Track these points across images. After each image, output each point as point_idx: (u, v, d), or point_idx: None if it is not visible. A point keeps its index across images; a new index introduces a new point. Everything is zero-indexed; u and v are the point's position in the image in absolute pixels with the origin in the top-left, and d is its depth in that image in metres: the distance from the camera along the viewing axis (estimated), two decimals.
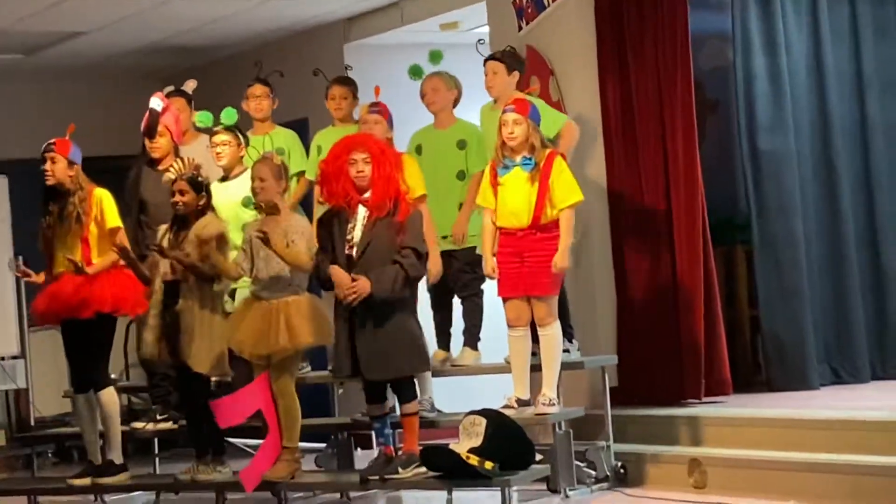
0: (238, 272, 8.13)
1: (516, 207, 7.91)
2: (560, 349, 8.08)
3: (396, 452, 7.90)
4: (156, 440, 9.58)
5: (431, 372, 8.47)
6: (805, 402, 8.72)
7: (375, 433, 8.11)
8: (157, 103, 8.89)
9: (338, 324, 7.81)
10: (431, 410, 8.49)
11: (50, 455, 11.41)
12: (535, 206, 7.87)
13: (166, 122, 8.89)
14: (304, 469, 8.32)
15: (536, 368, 8.08)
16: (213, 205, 8.32)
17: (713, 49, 10.07)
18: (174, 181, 8.23)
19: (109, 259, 8.34)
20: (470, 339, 8.71)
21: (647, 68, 9.08)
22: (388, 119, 8.55)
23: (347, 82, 9.26)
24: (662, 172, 9.03)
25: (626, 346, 9.12)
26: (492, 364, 8.70)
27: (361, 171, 7.78)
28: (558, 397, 8.06)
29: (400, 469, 7.75)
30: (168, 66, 12.31)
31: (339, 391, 9.60)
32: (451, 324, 8.79)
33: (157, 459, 9.76)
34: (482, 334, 8.73)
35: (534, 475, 7.84)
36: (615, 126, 9.24)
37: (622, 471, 8.33)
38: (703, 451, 8.20)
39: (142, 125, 8.94)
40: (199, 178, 8.26)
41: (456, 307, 8.79)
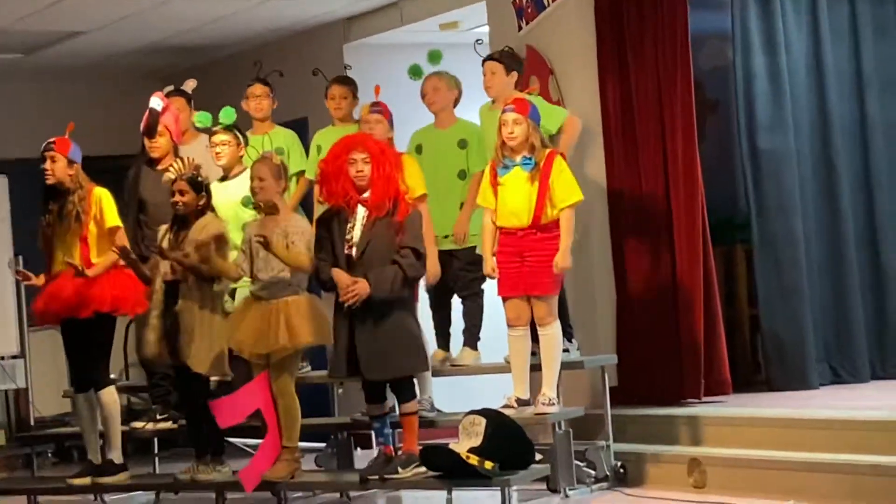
0: (238, 273, 8.14)
1: (516, 207, 7.91)
2: (560, 349, 8.08)
3: (396, 452, 7.90)
4: (155, 440, 9.57)
5: (431, 371, 8.47)
6: (805, 401, 8.71)
7: (375, 433, 8.11)
8: (156, 103, 8.89)
9: (338, 324, 7.81)
10: (431, 410, 8.49)
11: (50, 455, 11.40)
12: (535, 206, 7.86)
13: (166, 121, 8.88)
14: (303, 469, 8.32)
15: (536, 368, 8.08)
16: (212, 205, 8.33)
17: (713, 48, 10.06)
18: (174, 181, 8.23)
19: (109, 260, 8.34)
20: (470, 338, 8.71)
21: (646, 68, 9.08)
22: (389, 119, 8.55)
23: (347, 82, 9.25)
24: (662, 172, 9.03)
25: (625, 346, 9.11)
26: (491, 364, 8.69)
27: (361, 171, 7.77)
28: (558, 397, 8.06)
29: (399, 469, 7.74)
30: (168, 66, 12.31)
31: (339, 391, 9.60)
32: (451, 323, 8.79)
33: (156, 459, 9.74)
34: (482, 334, 8.73)
35: (533, 475, 7.84)
36: (615, 126, 9.23)
37: (622, 470, 8.33)
38: (702, 450, 8.19)
39: (141, 125, 8.95)
40: (198, 177, 8.26)
41: (455, 307, 8.80)
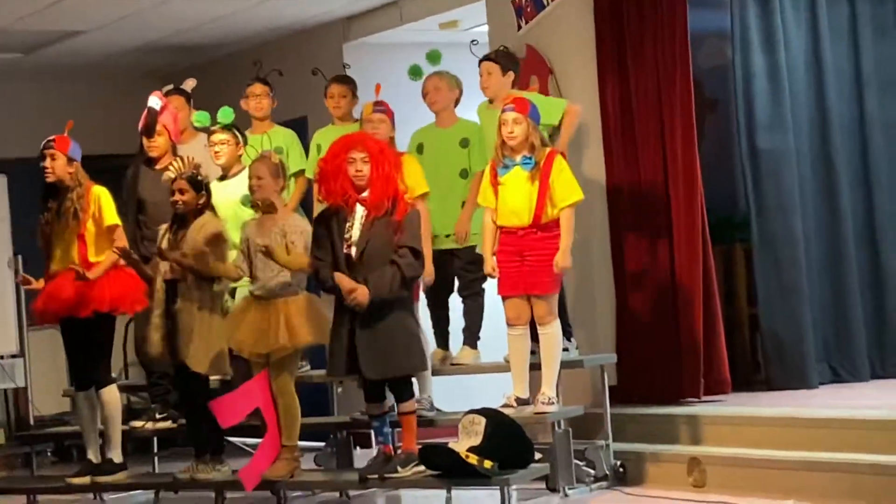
0: (237, 273, 8.15)
1: (517, 206, 7.90)
2: (560, 348, 8.07)
3: (395, 451, 7.90)
4: (155, 439, 9.58)
5: (431, 371, 8.47)
6: (804, 400, 8.71)
7: (374, 432, 8.10)
8: (155, 102, 8.88)
9: (338, 323, 7.79)
10: (431, 409, 8.49)
11: (49, 454, 11.39)
12: (535, 206, 7.86)
13: (164, 121, 8.87)
14: (303, 468, 8.32)
15: (536, 367, 8.08)
16: (212, 204, 8.32)
17: (712, 47, 10.06)
18: (174, 180, 8.23)
19: (110, 260, 8.34)
20: (469, 337, 8.71)
21: (646, 67, 9.08)
22: (391, 118, 8.54)
23: (346, 81, 9.25)
24: (662, 171, 9.03)
25: (625, 345, 9.11)
26: (491, 363, 8.69)
27: (360, 171, 7.75)
28: (557, 396, 8.06)
29: (399, 468, 7.74)
30: (167, 65, 12.31)
31: (339, 390, 9.59)
32: (449, 322, 8.79)
33: (156, 458, 9.75)
34: (481, 333, 8.73)
35: (533, 474, 7.84)
36: (614, 125, 9.23)
37: (621, 470, 8.33)
38: (702, 449, 8.19)
39: (139, 124, 8.94)
40: (198, 176, 8.26)
41: (454, 306, 8.79)
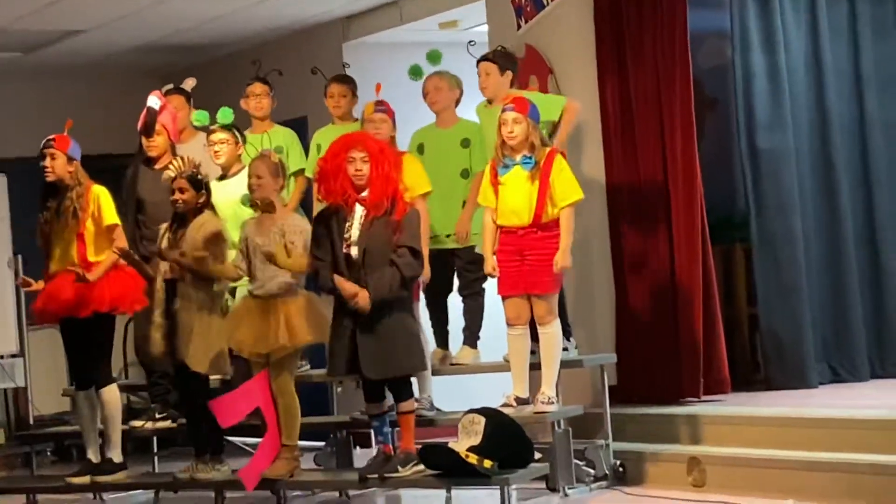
0: (237, 273, 8.15)
1: (517, 206, 7.90)
2: (560, 348, 8.07)
3: (395, 451, 7.90)
4: (155, 439, 9.58)
5: (431, 370, 8.46)
6: (804, 400, 8.71)
7: (374, 432, 8.10)
8: (154, 102, 8.88)
9: (339, 323, 7.78)
10: (430, 409, 8.48)
11: (49, 453, 11.38)
12: (535, 205, 7.85)
13: (163, 120, 8.87)
14: (303, 467, 8.32)
15: (535, 367, 8.08)
16: (212, 203, 8.32)
17: (712, 47, 10.06)
18: (174, 179, 8.22)
19: (109, 261, 8.33)
20: (469, 337, 8.71)
21: (646, 67, 9.08)
22: (392, 118, 8.53)
23: (346, 80, 9.25)
24: (661, 171, 9.02)
25: (625, 345, 9.11)
26: (491, 363, 8.69)
27: (360, 170, 7.73)
28: (557, 396, 8.06)
29: (399, 467, 7.73)
30: (167, 65, 12.31)
31: (339, 390, 9.59)
32: (448, 321, 8.79)
33: (155, 458, 9.74)
34: (481, 333, 8.73)
35: (533, 474, 7.84)
36: (614, 125, 9.23)
37: (621, 469, 8.33)
38: (701, 449, 8.19)
39: (138, 123, 8.94)
40: (198, 175, 8.26)
41: (452, 305, 8.79)
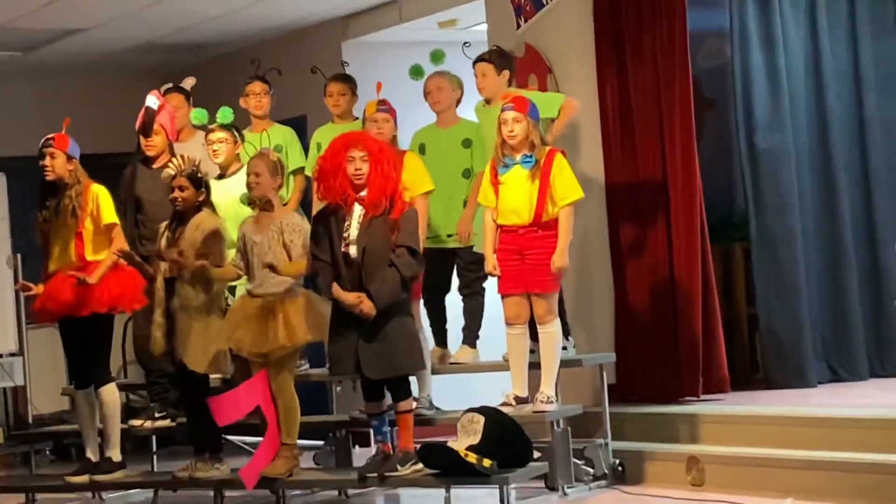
0: (236, 273, 8.15)
1: (517, 205, 7.90)
2: (559, 347, 8.07)
3: (394, 450, 7.89)
4: (154, 438, 9.58)
5: (430, 370, 8.46)
6: (803, 399, 8.72)
7: (373, 431, 8.10)
8: (152, 101, 8.88)
9: (339, 323, 7.77)
10: (430, 408, 8.48)
11: (48, 452, 11.38)
12: (536, 204, 7.85)
13: (161, 120, 8.87)
14: (302, 466, 8.32)
15: (535, 366, 8.08)
16: (211, 201, 8.32)
17: (711, 46, 10.07)
18: (174, 177, 8.22)
19: (109, 262, 8.33)
20: (469, 336, 8.71)
21: (645, 66, 9.08)
22: (394, 117, 8.53)
23: (345, 79, 9.25)
24: (661, 170, 9.03)
25: (624, 344, 9.11)
26: (490, 362, 8.69)
27: (359, 170, 7.72)
28: (556, 395, 8.06)
29: (398, 467, 7.73)
30: (166, 64, 12.31)
31: (338, 389, 9.60)
32: (446, 320, 8.79)
33: (154, 457, 9.73)
34: (481, 332, 8.73)
35: (532, 473, 7.84)
36: (613, 124, 9.23)
37: (620, 468, 8.34)
38: (701, 448, 8.20)
39: (137, 123, 8.94)
40: (198, 173, 8.26)
41: (450, 305, 8.79)
